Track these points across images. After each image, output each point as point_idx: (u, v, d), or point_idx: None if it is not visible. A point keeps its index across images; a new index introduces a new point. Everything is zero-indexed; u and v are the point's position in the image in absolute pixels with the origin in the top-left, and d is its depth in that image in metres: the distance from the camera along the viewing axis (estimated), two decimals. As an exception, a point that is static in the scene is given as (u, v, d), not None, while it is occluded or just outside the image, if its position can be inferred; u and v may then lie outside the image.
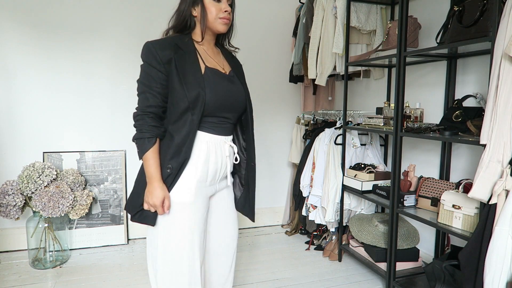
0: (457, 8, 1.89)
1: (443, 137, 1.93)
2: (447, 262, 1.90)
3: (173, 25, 1.43)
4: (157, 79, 1.32)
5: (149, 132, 1.34)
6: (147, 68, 1.33)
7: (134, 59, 3.02)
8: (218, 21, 1.38)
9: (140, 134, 1.36)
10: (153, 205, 1.32)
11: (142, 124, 1.36)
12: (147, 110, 1.35)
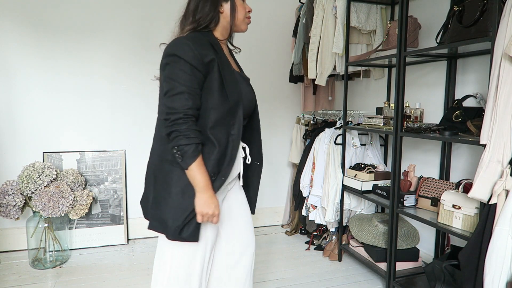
0: (457, 8, 1.89)
1: (443, 137, 1.93)
2: (447, 262, 1.90)
3: (198, 20, 1.29)
4: (197, 79, 1.19)
5: (198, 137, 1.17)
6: (186, 67, 1.18)
7: (134, 59, 3.03)
8: (245, 21, 1.36)
9: (187, 140, 1.15)
10: (212, 215, 1.20)
11: (187, 128, 1.15)
12: (190, 113, 1.17)
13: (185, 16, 1.34)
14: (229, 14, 1.31)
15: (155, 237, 3.16)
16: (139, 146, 3.09)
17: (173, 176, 1.21)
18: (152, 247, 2.98)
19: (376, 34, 2.76)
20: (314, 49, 2.79)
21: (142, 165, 3.23)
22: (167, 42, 1.31)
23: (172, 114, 1.16)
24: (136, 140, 3.09)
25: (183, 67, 1.19)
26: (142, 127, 3.09)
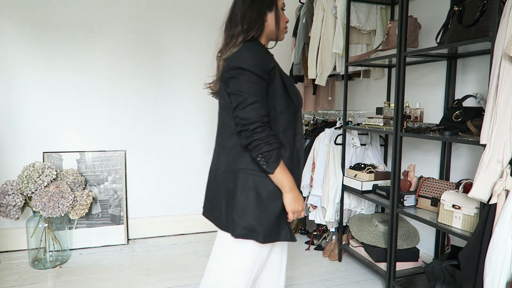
0: (457, 8, 1.89)
1: (443, 137, 1.93)
2: (447, 262, 1.90)
3: (247, 29, 1.32)
4: (264, 88, 1.25)
5: (277, 142, 1.23)
6: (252, 78, 1.22)
7: (135, 59, 3.03)
8: (284, 31, 1.44)
9: (269, 146, 1.19)
10: (302, 210, 1.32)
11: (267, 135, 1.20)
12: (265, 120, 1.21)
13: (232, 24, 1.36)
14: (272, 23, 1.37)
15: (155, 237, 3.16)
16: (139, 146, 3.09)
17: (250, 184, 1.27)
18: (152, 247, 2.98)
19: (376, 34, 2.76)
20: (314, 49, 2.79)
21: (142, 165, 3.25)
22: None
23: (250, 124, 1.20)
24: (136, 140, 3.09)
25: (250, 78, 1.23)
26: (142, 127, 3.09)
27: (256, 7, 1.34)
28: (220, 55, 1.36)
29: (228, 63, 1.28)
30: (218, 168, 1.36)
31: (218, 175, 1.35)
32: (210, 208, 1.41)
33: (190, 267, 2.62)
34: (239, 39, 1.32)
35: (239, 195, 1.27)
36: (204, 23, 3.17)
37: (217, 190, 1.35)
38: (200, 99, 3.23)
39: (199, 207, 3.46)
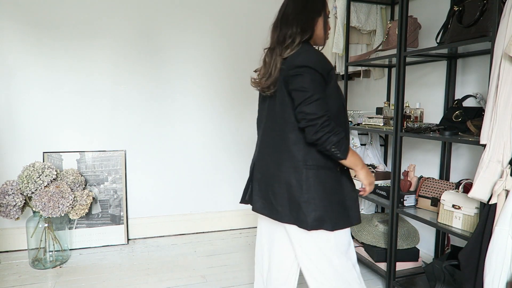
0: (457, 8, 1.89)
1: (443, 137, 1.93)
2: (447, 262, 1.90)
3: (303, 31, 1.38)
4: (323, 87, 1.33)
5: (343, 131, 1.34)
6: (316, 76, 1.30)
7: (135, 59, 3.03)
8: (327, 37, 1.51)
9: (338, 136, 1.28)
10: (374, 183, 1.48)
11: (334, 127, 1.28)
12: (329, 115, 1.29)
13: (284, 24, 1.41)
14: (320, 28, 1.44)
15: (155, 237, 3.16)
16: (139, 146, 3.09)
17: (315, 178, 1.35)
18: (152, 247, 2.98)
19: (376, 34, 2.76)
20: (314, 49, 2.78)
21: (142, 165, 3.25)
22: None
23: (317, 119, 1.26)
24: (136, 140, 3.09)
25: (314, 77, 1.30)
26: (142, 127, 3.09)
27: (308, 11, 1.40)
28: (279, 53, 1.38)
29: (291, 61, 1.33)
30: (277, 164, 1.40)
31: (280, 170, 1.39)
32: (265, 204, 1.44)
33: (190, 267, 2.62)
34: (296, 40, 1.37)
35: (304, 189, 1.34)
36: (205, 22, 3.17)
37: (276, 185, 1.39)
38: (200, 99, 3.23)
39: (199, 207, 3.49)
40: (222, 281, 2.42)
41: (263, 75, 1.45)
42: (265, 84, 1.43)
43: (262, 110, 1.55)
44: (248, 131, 3.39)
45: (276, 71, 1.38)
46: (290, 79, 1.32)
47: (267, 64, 1.44)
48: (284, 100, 1.37)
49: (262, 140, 1.51)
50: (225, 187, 3.38)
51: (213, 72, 3.24)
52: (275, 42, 1.42)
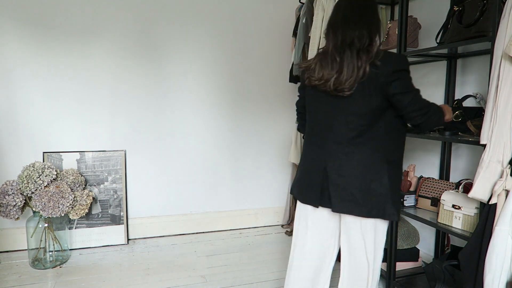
0: (457, 8, 1.89)
1: (443, 137, 1.93)
2: (447, 262, 1.90)
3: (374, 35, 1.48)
4: None
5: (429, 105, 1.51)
6: (410, 78, 1.48)
7: (135, 59, 3.03)
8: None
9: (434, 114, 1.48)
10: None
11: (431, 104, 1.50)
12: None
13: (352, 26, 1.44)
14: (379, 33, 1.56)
15: (155, 237, 3.16)
16: (139, 146, 3.09)
17: (390, 173, 1.47)
18: (152, 247, 2.98)
19: (376, 34, 2.75)
20: (314, 49, 2.78)
21: (142, 165, 3.26)
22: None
23: (429, 111, 1.45)
24: (136, 140, 3.09)
25: (409, 77, 1.47)
26: (142, 127, 3.09)
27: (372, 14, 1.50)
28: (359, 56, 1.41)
29: (391, 66, 1.41)
30: (358, 162, 1.47)
31: (362, 167, 1.46)
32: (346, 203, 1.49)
33: (190, 267, 2.62)
34: (378, 47, 1.47)
35: (385, 183, 1.46)
36: (205, 22, 3.17)
37: (359, 182, 1.47)
38: (201, 99, 3.23)
39: (199, 207, 3.49)
40: (222, 281, 2.42)
41: (339, 77, 1.42)
42: (347, 85, 1.41)
43: (326, 109, 1.52)
44: (249, 131, 3.39)
45: (360, 73, 1.40)
46: (390, 84, 1.40)
47: (341, 66, 1.42)
48: (366, 101, 1.42)
49: (333, 139, 1.50)
50: (225, 187, 3.38)
51: (214, 72, 3.24)
52: (341, 43, 1.44)
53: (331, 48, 1.46)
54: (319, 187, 1.53)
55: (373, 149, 1.46)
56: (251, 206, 3.48)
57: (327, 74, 1.44)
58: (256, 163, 3.45)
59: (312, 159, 1.58)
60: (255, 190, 3.48)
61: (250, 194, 3.47)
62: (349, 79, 1.40)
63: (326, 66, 1.45)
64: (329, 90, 1.45)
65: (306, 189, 1.60)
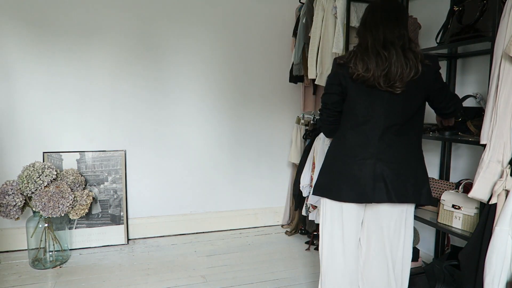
0: (457, 8, 1.89)
1: (443, 137, 1.93)
2: (447, 262, 1.90)
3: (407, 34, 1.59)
4: None
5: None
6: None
7: (135, 59, 3.03)
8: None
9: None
10: None
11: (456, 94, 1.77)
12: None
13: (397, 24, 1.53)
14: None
15: (155, 237, 3.16)
16: (139, 146, 3.09)
17: (423, 159, 1.70)
18: (152, 247, 2.98)
19: (376, 34, 2.75)
20: (314, 49, 2.79)
21: (142, 165, 3.26)
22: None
23: (457, 99, 1.74)
24: (136, 140, 3.09)
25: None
26: (142, 127, 3.09)
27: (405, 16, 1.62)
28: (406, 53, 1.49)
29: (434, 66, 1.55)
30: (408, 153, 1.61)
31: (410, 159, 1.62)
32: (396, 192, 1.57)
33: (190, 267, 2.62)
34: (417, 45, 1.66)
35: (423, 170, 1.66)
36: (205, 22, 3.16)
37: (409, 172, 1.60)
38: (201, 99, 3.23)
39: (199, 207, 3.49)
40: (222, 281, 2.42)
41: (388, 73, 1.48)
42: (398, 83, 1.48)
43: (372, 103, 1.56)
44: (249, 131, 3.39)
45: (413, 72, 1.48)
46: (435, 81, 1.56)
47: (390, 62, 1.47)
48: (416, 96, 1.55)
49: (382, 133, 1.56)
50: (225, 187, 3.38)
51: (214, 72, 3.24)
52: (383, 40, 1.49)
53: (370, 44, 1.51)
54: (372, 182, 1.56)
55: (415, 139, 1.63)
56: (251, 206, 3.48)
57: (373, 68, 1.48)
58: (256, 163, 3.45)
59: (354, 155, 1.59)
60: (255, 190, 3.48)
61: (250, 194, 3.47)
62: (400, 76, 1.47)
63: (369, 61, 1.49)
64: (378, 86, 1.50)
65: (353, 186, 1.59)
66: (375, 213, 1.65)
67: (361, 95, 1.57)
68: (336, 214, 1.68)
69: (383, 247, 1.66)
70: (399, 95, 1.51)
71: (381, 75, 1.47)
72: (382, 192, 1.56)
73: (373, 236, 1.67)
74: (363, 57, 1.50)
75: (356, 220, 1.68)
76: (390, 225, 1.64)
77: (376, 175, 1.56)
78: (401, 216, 1.64)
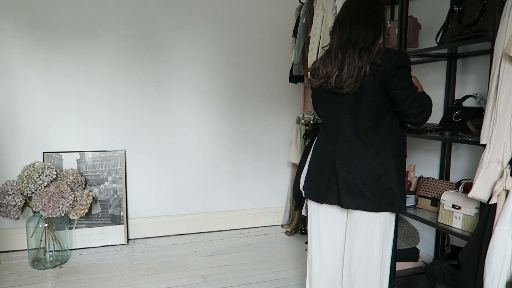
0: (457, 8, 1.89)
1: (443, 137, 1.93)
2: (447, 262, 1.90)
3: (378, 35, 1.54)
4: None
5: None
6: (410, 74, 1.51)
7: (135, 59, 3.03)
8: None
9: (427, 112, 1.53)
10: None
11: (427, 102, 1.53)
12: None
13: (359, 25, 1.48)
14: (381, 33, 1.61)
15: (155, 237, 3.16)
16: (139, 146, 3.09)
17: (398, 165, 1.53)
18: (152, 247, 2.98)
19: (376, 34, 2.75)
20: (314, 49, 2.78)
21: (142, 165, 3.26)
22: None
23: (427, 107, 1.49)
24: (136, 140, 3.09)
25: (409, 74, 1.49)
26: (142, 127, 3.09)
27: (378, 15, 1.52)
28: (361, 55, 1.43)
29: (390, 63, 1.43)
30: (368, 157, 1.49)
31: (372, 163, 1.49)
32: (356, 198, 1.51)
33: (190, 267, 2.62)
34: (379, 43, 1.50)
35: (394, 177, 1.50)
36: (205, 22, 3.16)
37: (368, 177, 1.49)
38: (200, 99, 3.23)
39: (199, 207, 3.49)
40: (222, 281, 2.42)
41: (340, 74, 1.45)
42: (345, 84, 1.44)
43: (332, 107, 1.56)
44: (249, 130, 3.39)
45: (362, 74, 1.42)
46: (390, 79, 1.43)
47: (343, 63, 1.45)
48: (367, 97, 1.46)
49: (341, 137, 1.53)
50: (225, 187, 3.38)
51: (214, 72, 3.24)
52: (346, 41, 1.47)
53: (335, 45, 1.50)
54: (326, 184, 1.56)
55: (380, 144, 1.50)
56: (251, 206, 3.48)
57: (329, 71, 1.48)
58: (256, 163, 3.45)
59: (321, 156, 1.62)
60: (255, 190, 3.48)
61: (250, 194, 3.47)
62: (349, 78, 1.43)
63: (329, 63, 1.49)
64: (330, 87, 1.49)
65: (315, 185, 1.62)
66: (351, 219, 1.60)
67: (322, 100, 1.61)
68: (313, 215, 1.71)
69: (360, 255, 1.60)
70: (350, 97, 1.48)
71: (333, 77, 1.46)
72: (334, 194, 1.55)
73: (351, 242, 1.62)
74: (325, 60, 1.51)
75: (332, 222, 1.65)
76: (365, 232, 1.56)
77: (331, 177, 1.55)
78: (373, 224, 1.55)
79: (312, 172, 1.67)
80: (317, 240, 1.70)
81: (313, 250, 1.71)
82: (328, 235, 1.68)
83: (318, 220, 1.69)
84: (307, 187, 1.69)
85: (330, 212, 1.64)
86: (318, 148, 1.67)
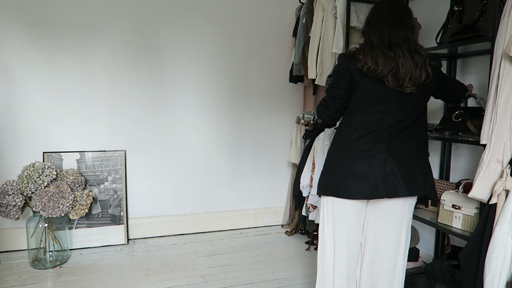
0: (457, 8, 1.89)
1: (443, 137, 1.93)
2: (447, 262, 1.90)
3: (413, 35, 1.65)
4: None
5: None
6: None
7: (135, 59, 3.03)
8: None
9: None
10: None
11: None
12: None
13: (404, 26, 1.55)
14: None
15: (155, 237, 3.16)
16: (139, 146, 3.09)
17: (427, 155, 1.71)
18: (152, 247, 2.98)
19: (376, 34, 2.75)
20: (314, 49, 2.79)
21: (142, 165, 3.26)
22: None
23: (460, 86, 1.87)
24: (136, 140, 3.08)
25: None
26: (142, 127, 3.09)
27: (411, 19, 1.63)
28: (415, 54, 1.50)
29: (438, 65, 1.61)
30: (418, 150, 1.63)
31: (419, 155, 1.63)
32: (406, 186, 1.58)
33: (190, 267, 2.62)
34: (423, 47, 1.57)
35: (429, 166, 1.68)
36: (205, 22, 3.16)
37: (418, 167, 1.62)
38: (201, 99, 3.23)
39: (199, 207, 3.49)
40: (222, 281, 2.42)
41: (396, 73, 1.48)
42: (408, 84, 1.49)
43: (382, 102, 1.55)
44: (249, 130, 3.39)
45: (423, 75, 1.49)
46: (442, 75, 1.65)
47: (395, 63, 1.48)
48: (426, 96, 1.61)
49: (394, 132, 1.57)
50: (225, 187, 3.38)
51: (214, 72, 3.24)
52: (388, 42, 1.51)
53: (376, 43, 1.52)
54: (382, 177, 1.56)
55: (420, 134, 1.63)
56: (251, 206, 3.48)
57: (381, 64, 1.48)
58: (256, 163, 3.45)
59: (365, 151, 1.57)
60: (255, 190, 3.48)
61: (250, 194, 3.47)
62: (409, 77, 1.47)
63: (378, 57, 1.49)
64: (387, 83, 1.50)
65: (365, 182, 1.57)
66: (378, 209, 1.65)
67: (371, 91, 1.55)
68: (340, 213, 1.67)
69: (386, 243, 1.66)
70: (410, 96, 1.52)
71: (389, 73, 1.48)
72: (393, 186, 1.56)
73: (375, 232, 1.67)
74: (371, 52, 1.51)
75: (358, 218, 1.68)
76: (393, 219, 1.64)
77: (387, 170, 1.56)
78: (403, 210, 1.65)
79: (353, 168, 1.58)
80: (342, 240, 1.69)
81: (338, 251, 1.70)
82: (353, 233, 1.69)
83: (344, 219, 1.67)
84: (346, 187, 1.59)
85: (355, 208, 1.65)
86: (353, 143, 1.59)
